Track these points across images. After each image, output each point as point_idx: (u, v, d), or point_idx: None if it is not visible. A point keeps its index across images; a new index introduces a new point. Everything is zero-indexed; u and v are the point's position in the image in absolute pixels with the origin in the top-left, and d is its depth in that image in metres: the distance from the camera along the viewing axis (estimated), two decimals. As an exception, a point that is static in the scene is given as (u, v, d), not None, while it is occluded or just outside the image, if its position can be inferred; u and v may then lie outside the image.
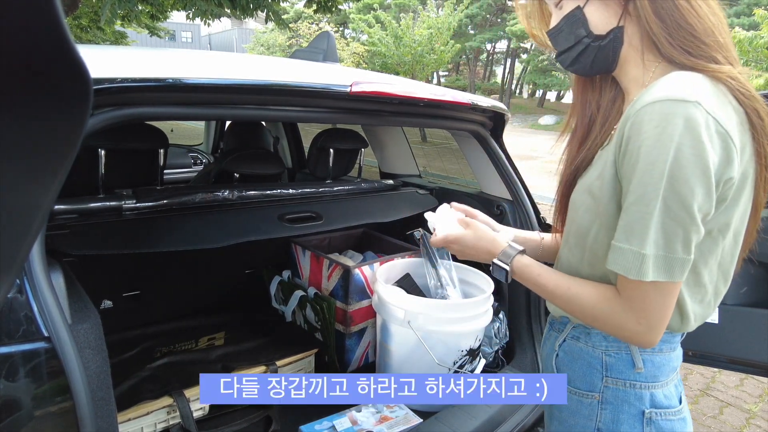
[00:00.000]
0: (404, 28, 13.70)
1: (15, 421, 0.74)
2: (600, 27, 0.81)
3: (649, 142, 0.68)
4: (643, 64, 0.81)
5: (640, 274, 0.70)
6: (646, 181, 0.69)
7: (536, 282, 0.88)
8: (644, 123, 0.69)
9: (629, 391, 0.84)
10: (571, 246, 0.88)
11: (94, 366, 0.83)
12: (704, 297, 0.81)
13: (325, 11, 6.06)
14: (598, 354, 0.87)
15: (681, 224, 0.69)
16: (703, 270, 0.78)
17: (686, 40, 0.75)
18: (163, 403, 1.34)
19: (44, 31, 0.32)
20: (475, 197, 1.94)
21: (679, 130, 0.66)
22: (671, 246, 0.70)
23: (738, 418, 2.45)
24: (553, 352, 0.95)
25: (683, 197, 0.67)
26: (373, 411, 1.44)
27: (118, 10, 4.47)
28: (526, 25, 0.97)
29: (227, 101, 1.17)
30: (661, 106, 0.68)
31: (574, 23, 0.83)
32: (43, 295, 0.76)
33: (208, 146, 3.55)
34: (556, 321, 0.98)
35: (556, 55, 0.89)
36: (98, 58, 1.09)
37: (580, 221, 0.84)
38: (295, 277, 1.95)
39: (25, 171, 0.41)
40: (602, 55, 0.83)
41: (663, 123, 0.67)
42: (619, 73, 0.86)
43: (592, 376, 0.87)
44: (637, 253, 0.70)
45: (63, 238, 1.23)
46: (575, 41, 0.83)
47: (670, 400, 0.85)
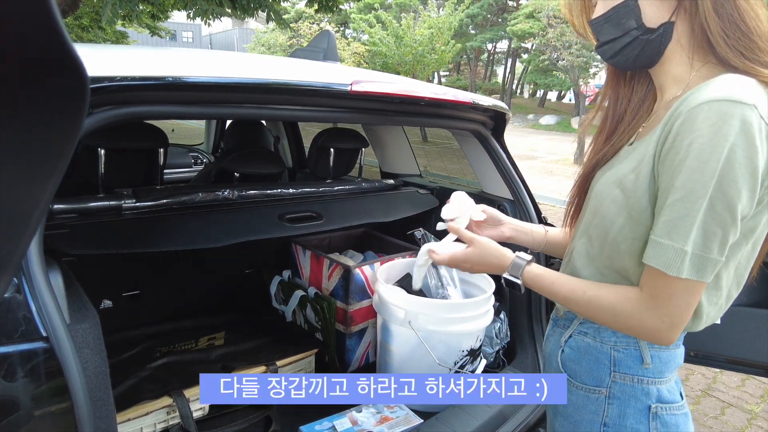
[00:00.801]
0: (405, 28, 13.69)
1: (13, 422, 0.73)
2: (652, 20, 0.79)
3: (702, 140, 0.67)
4: (689, 63, 0.80)
5: (679, 271, 0.71)
6: (695, 178, 0.68)
7: (550, 290, 0.89)
8: (699, 120, 0.68)
9: (636, 387, 0.85)
10: (591, 237, 0.87)
11: (93, 366, 0.83)
12: (719, 300, 0.81)
13: (326, 11, 6.04)
14: (606, 350, 0.87)
15: (722, 225, 0.69)
16: (723, 273, 0.78)
17: (741, 41, 0.74)
18: (163, 403, 1.33)
19: (40, 29, 0.31)
20: (476, 197, 1.94)
21: (735, 131, 0.66)
22: (709, 246, 0.70)
23: (739, 419, 2.44)
24: (558, 348, 0.95)
25: (730, 198, 0.68)
26: (374, 411, 1.44)
27: (119, 9, 4.46)
28: (565, 11, 0.94)
29: (227, 100, 1.17)
30: (719, 106, 0.67)
31: (625, 13, 0.80)
32: (41, 295, 0.76)
33: (208, 146, 3.55)
34: (560, 318, 0.97)
35: (597, 45, 0.87)
36: (97, 56, 1.09)
37: (605, 213, 0.83)
38: (296, 276, 1.94)
39: (21, 169, 0.40)
40: (648, 50, 0.81)
41: (719, 122, 0.67)
42: (659, 70, 0.84)
43: (600, 371, 0.87)
44: (679, 250, 0.70)
45: (62, 238, 1.23)
46: (622, 32, 0.81)
47: (673, 396, 0.86)
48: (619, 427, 0.86)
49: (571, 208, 0.98)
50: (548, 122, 22.73)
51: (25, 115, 0.36)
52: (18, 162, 0.39)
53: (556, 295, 0.88)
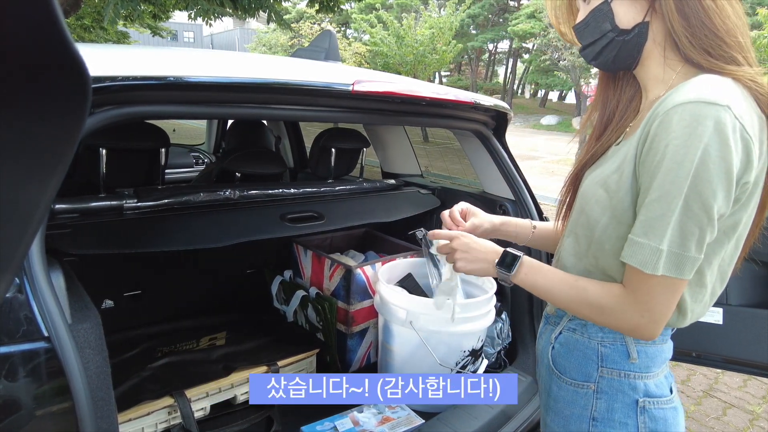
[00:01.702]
0: (406, 28, 13.69)
1: (15, 421, 0.73)
2: (625, 21, 0.82)
3: (677, 141, 0.69)
4: (664, 62, 0.82)
5: (654, 269, 0.73)
6: (670, 179, 0.70)
7: (535, 281, 0.90)
8: (674, 122, 0.70)
9: (623, 381, 0.87)
10: (578, 236, 0.89)
11: (94, 366, 0.83)
12: (703, 297, 0.83)
13: (327, 11, 6.04)
14: (594, 345, 0.89)
15: (698, 224, 0.71)
16: (706, 271, 0.80)
17: (707, 39, 0.76)
18: (164, 403, 1.33)
19: (41, 28, 0.31)
20: (478, 197, 1.94)
21: (709, 132, 0.68)
22: (686, 244, 0.72)
23: (741, 420, 2.44)
24: (549, 344, 0.97)
25: (705, 198, 0.69)
26: (375, 412, 1.44)
27: (121, 9, 4.46)
28: (554, 20, 0.98)
29: (229, 100, 1.17)
30: (692, 107, 0.69)
31: (600, 17, 0.84)
32: (42, 295, 0.76)
33: (209, 146, 3.55)
34: (551, 315, 0.99)
35: (581, 49, 0.91)
36: (99, 56, 1.09)
37: (590, 213, 0.85)
38: (297, 277, 1.94)
39: (22, 169, 0.40)
40: (625, 50, 0.83)
41: (693, 124, 0.68)
42: (640, 70, 0.87)
43: (588, 366, 0.89)
44: (654, 249, 0.72)
45: (64, 238, 1.23)
46: (600, 35, 0.85)
47: (661, 390, 0.88)
48: (608, 422, 0.87)
49: (562, 207, 1.00)
50: (549, 122, 22.71)
51: (27, 115, 0.36)
52: (20, 162, 0.39)
53: (547, 281, 0.89)
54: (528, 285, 0.91)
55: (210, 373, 1.48)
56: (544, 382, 1.00)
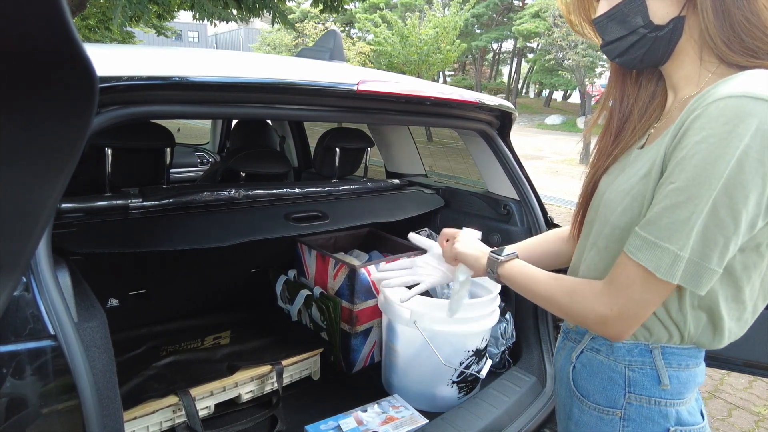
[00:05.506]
0: (410, 28, 13.68)
1: (21, 419, 0.74)
2: (660, 16, 0.74)
3: (713, 139, 0.62)
4: (700, 60, 0.74)
5: (669, 275, 0.66)
6: (701, 179, 0.63)
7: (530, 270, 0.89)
8: (712, 118, 0.62)
9: (654, 409, 0.79)
10: (600, 249, 0.82)
11: (100, 364, 0.83)
12: (742, 314, 0.75)
13: (331, 11, 6.06)
14: (620, 369, 0.82)
15: (723, 232, 0.64)
16: (745, 285, 0.72)
17: (754, 39, 0.68)
18: (169, 401, 1.34)
19: (50, 28, 0.31)
20: (482, 197, 1.93)
21: (751, 131, 0.60)
22: (708, 254, 0.65)
23: (746, 421, 2.43)
24: (569, 363, 0.91)
25: (735, 203, 0.62)
26: (379, 411, 1.44)
27: (129, 12, 4.49)
28: (563, 9, 0.89)
29: (233, 99, 1.17)
30: (736, 102, 0.61)
31: (631, 11, 0.75)
32: (49, 294, 0.76)
33: (214, 145, 3.56)
34: (571, 330, 0.93)
35: (603, 44, 0.82)
36: (104, 56, 1.09)
37: (616, 223, 0.77)
38: (301, 276, 1.95)
39: (30, 169, 0.40)
40: (657, 47, 0.76)
41: (735, 120, 0.61)
42: (670, 66, 0.79)
43: (614, 391, 0.82)
44: (675, 254, 0.65)
45: (69, 237, 1.23)
46: (629, 31, 0.76)
47: (694, 417, 0.81)
48: None
49: (579, 216, 0.93)
50: (554, 122, 22.66)
51: (34, 115, 0.36)
52: (27, 161, 0.39)
53: (533, 274, 0.88)
54: (515, 272, 0.90)
55: (214, 372, 1.48)
56: (564, 403, 0.93)
